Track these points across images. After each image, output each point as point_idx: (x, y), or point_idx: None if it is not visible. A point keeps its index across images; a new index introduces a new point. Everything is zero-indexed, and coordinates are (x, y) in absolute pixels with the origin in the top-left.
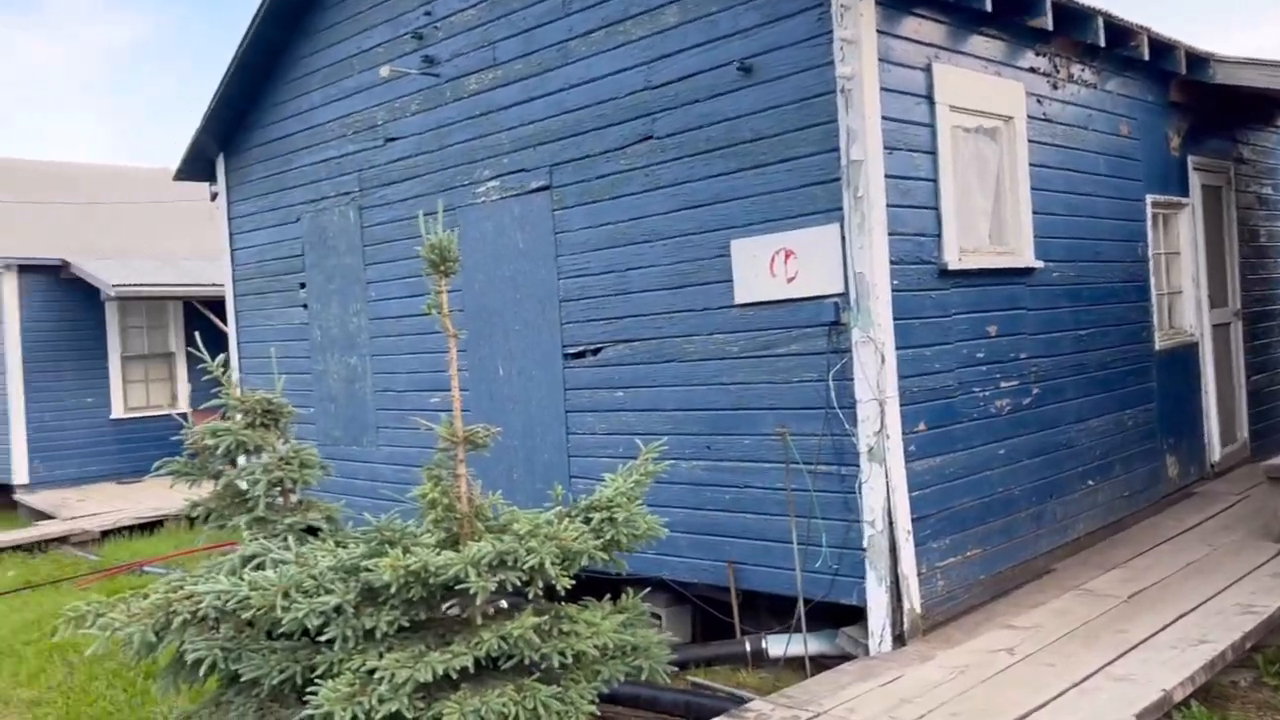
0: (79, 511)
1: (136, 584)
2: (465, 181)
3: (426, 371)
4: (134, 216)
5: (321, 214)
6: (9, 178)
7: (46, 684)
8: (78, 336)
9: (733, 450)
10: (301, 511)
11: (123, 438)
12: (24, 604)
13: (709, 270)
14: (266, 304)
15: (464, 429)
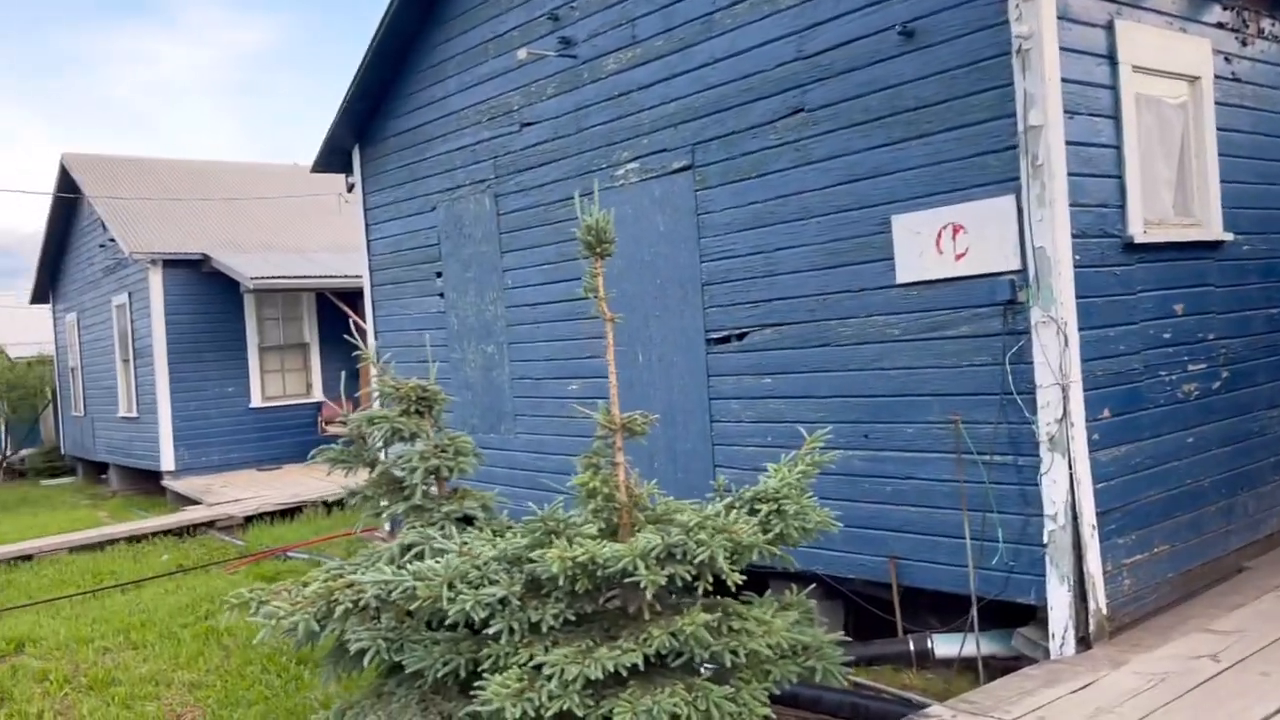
0: (222, 497)
1: (282, 569)
2: (603, 165)
3: (564, 359)
4: (269, 211)
5: (457, 202)
6: (151, 177)
7: (204, 667)
8: (218, 328)
9: (894, 439)
10: (458, 500)
11: (261, 426)
12: (177, 587)
13: (867, 248)
14: (403, 293)
15: (622, 415)
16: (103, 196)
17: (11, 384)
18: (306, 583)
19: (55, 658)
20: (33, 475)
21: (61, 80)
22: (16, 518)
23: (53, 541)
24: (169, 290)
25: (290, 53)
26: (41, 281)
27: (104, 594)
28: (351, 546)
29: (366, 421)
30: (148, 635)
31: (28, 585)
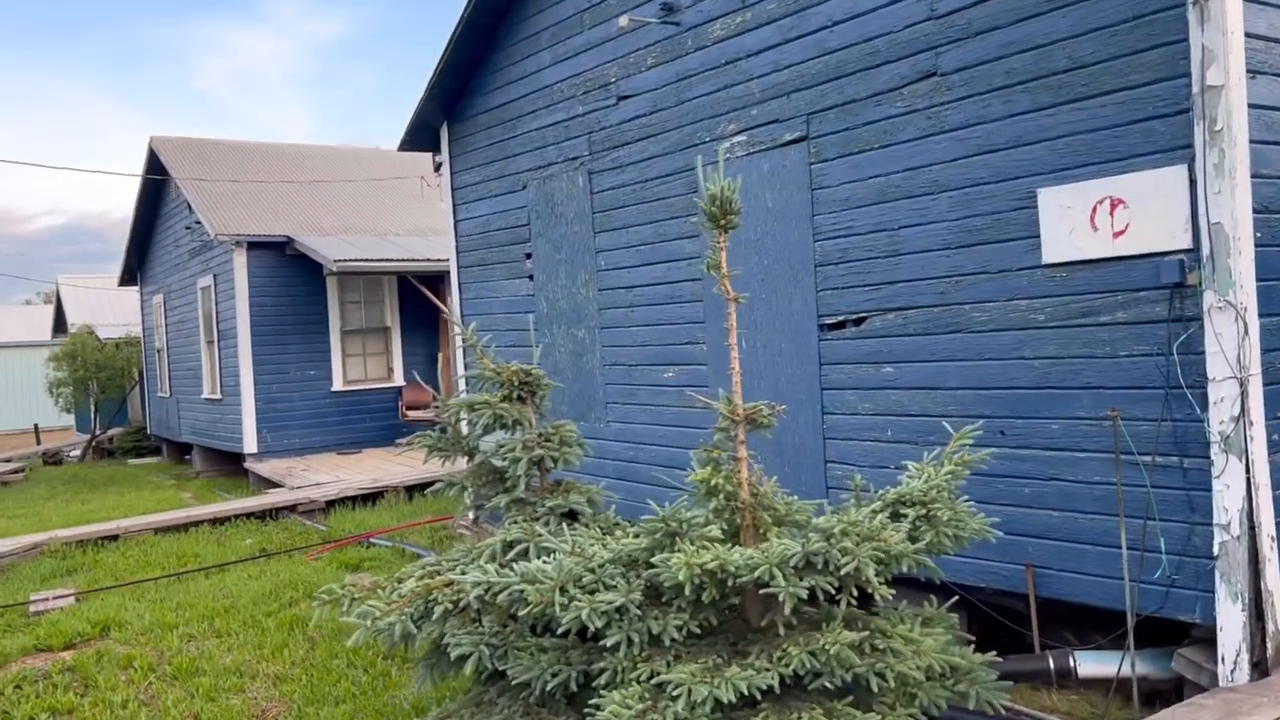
0: (303, 481)
1: (365, 556)
2: (706, 138)
3: (660, 344)
4: (351, 194)
5: (548, 180)
6: (235, 159)
7: (289, 659)
8: (300, 311)
9: (1036, 436)
10: (562, 493)
11: (342, 410)
12: (261, 572)
13: (1007, 225)
14: (491, 275)
15: (745, 406)
16: (189, 179)
17: (101, 364)
18: (401, 579)
19: (140, 643)
20: (119, 454)
21: (149, 71)
22: (104, 496)
23: (138, 522)
24: (253, 272)
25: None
26: (129, 264)
27: (188, 577)
28: (435, 534)
29: (467, 407)
30: (232, 623)
31: (114, 566)
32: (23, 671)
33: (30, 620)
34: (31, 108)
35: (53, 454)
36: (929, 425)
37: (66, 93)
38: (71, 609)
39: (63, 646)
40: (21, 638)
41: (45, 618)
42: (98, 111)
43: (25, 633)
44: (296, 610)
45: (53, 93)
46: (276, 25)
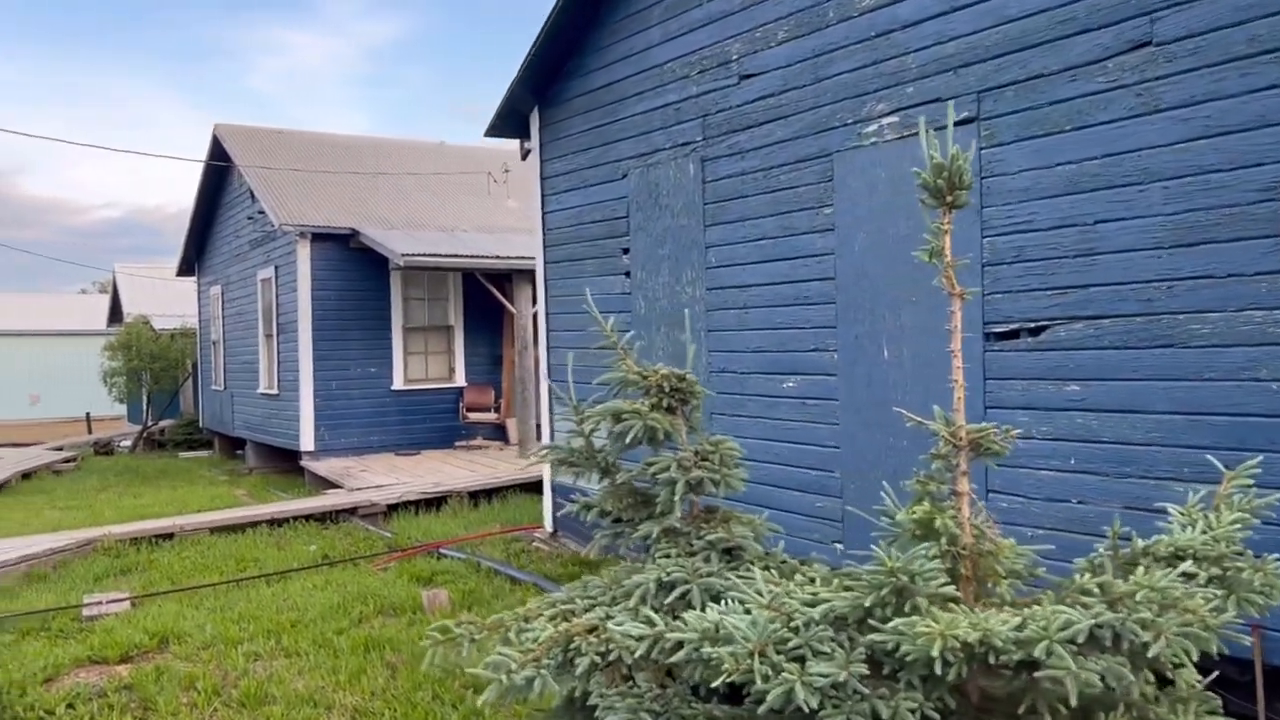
0: (362, 482)
1: (437, 569)
2: (848, 120)
3: (779, 351)
4: (416, 189)
5: (653, 169)
6: (298, 149)
7: (368, 688)
8: (362, 306)
9: (1275, 473)
10: (720, 523)
11: (401, 409)
12: (326, 582)
13: (1240, 221)
14: (582, 271)
15: (969, 428)
16: (254, 166)
17: (155, 355)
18: (528, 617)
19: (201, 660)
20: (171, 446)
21: (204, 68)
22: (156, 490)
23: (194, 521)
24: (316, 265)
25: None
26: (188, 254)
27: (248, 584)
28: (510, 547)
29: (612, 416)
30: (300, 641)
31: (170, 567)
32: (76, 688)
33: (83, 626)
34: (89, 101)
35: (104, 444)
36: (1126, 455)
37: (122, 88)
38: (126, 615)
39: (118, 659)
40: (74, 646)
41: (99, 624)
42: (153, 107)
43: (78, 640)
44: (369, 628)
45: (108, 88)
46: (329, 25)
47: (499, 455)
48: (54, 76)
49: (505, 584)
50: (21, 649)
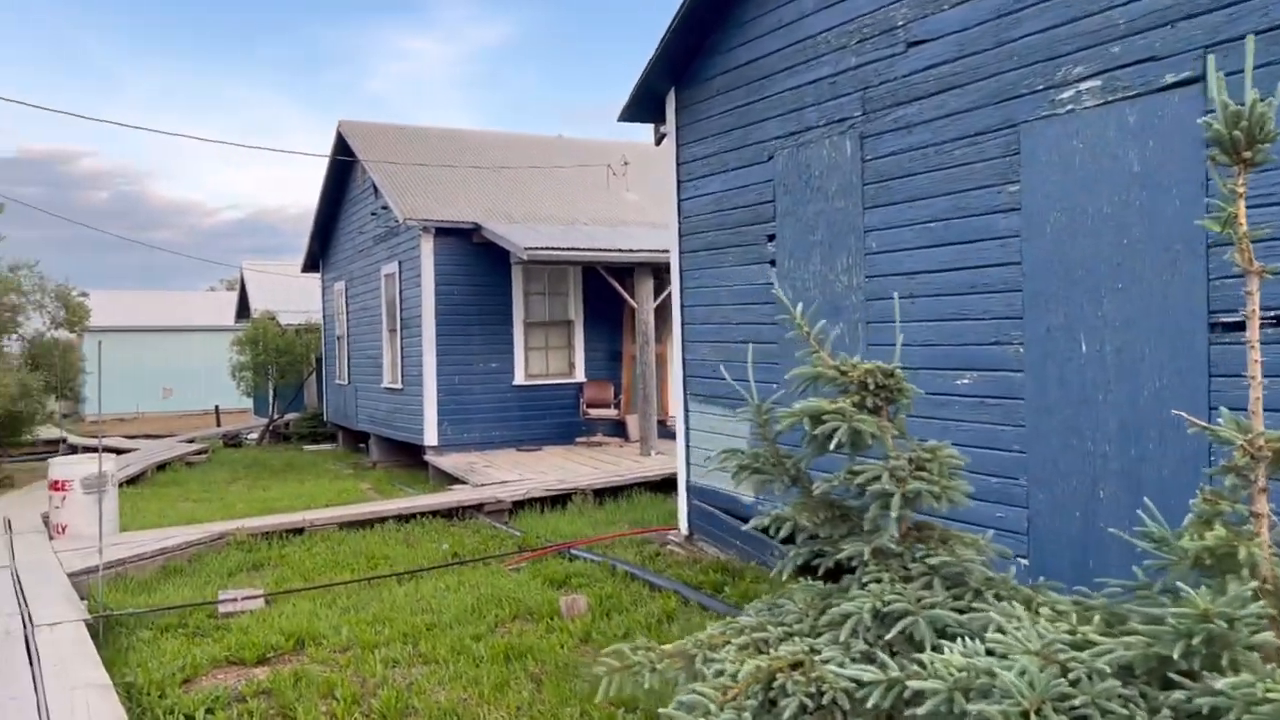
0: (486, 478)
1: (571, 571)
2: (1038, 86)
3: (951, 344)
4: (535, 183)
5: (803, 149)
6: (420, 145)
7: (513, 702)
8: (485, 301)
9: None
10: (938, 542)
11: (523, 405)
12: (458, 582)
13: None
14: (721, 261)
15: (1272, 436)
16: (378, 161)
17: (280, 350)
18: (712, 645)
19: (339, 666)
20: (295, 439)
21: (325, 75)
22: (284, 483)
23: (323, 515)
24: (439, 260)
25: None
26: (312, 250)
27: (380, 583)
28: (642, 550)
29: (810, 417)
30: (438, 647)
31: (300, 563)
32: (215, 690)
33: (219, 623)
34: (213, 109)
35: (232, 436)
36: None
37: (248, 95)
38: (261, 613)
39: (255, 661)
40: (211, 646)
41: (235, 622)
42: (277, 114)
43: (215, 639)
44: (507, 634)
45: (236, 95)
46: (444, 30)
47: (620, 452)
48: (181, 87)
49: (642, 589)
50: (160, 646)
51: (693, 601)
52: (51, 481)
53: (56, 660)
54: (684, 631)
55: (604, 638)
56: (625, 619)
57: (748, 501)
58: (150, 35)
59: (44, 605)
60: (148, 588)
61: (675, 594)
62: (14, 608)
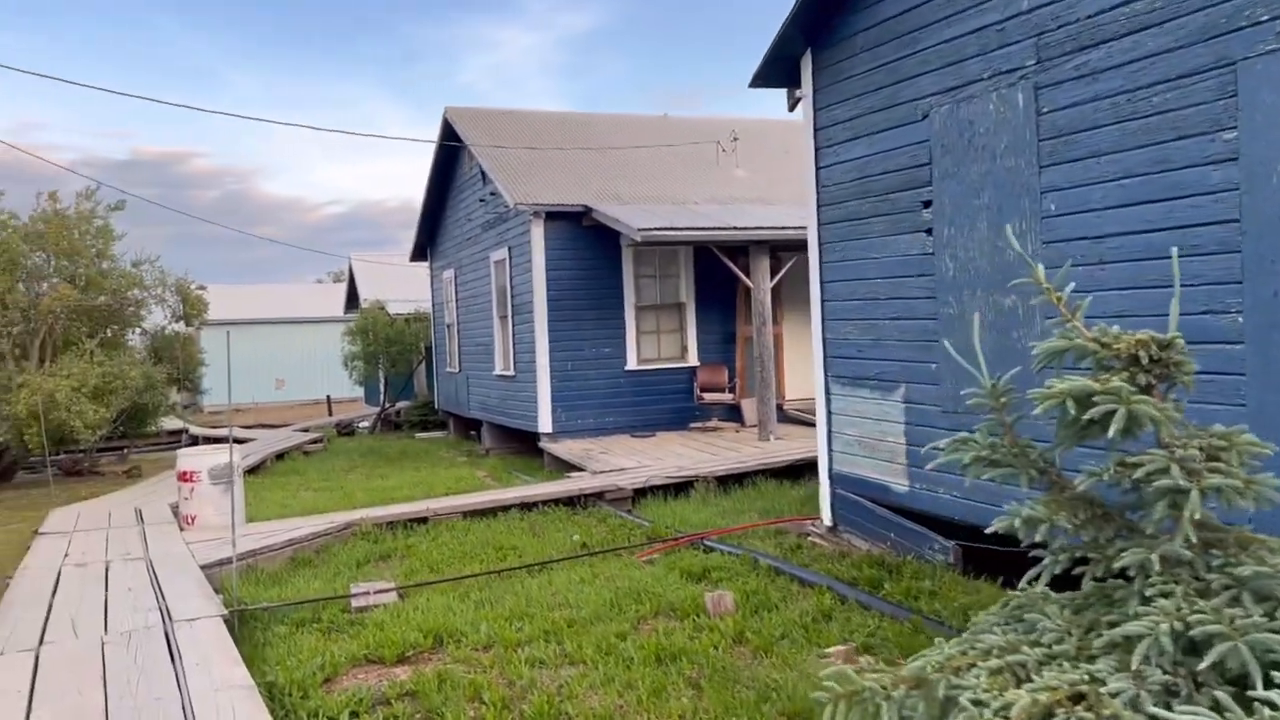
0: (605, 465)
1: (709, 563)
2: (1261, 17)
3: (1149, 314)
4: (643, 163)
5: (965, 105)
6: (526, 129)
7: (673, 711)
8: (596, 285)
9: None
10: (1241, 549)
11: (636, 390)
12: (592, 575)
13: None
14: (867, 232)
15: None
16: (486, 146)
17: (391, 339)
18: (955, 666)
19: (482, 666)
20: (406, 427)
21: (418, 70)
22: (401, 471)
23: (446, 504)
24: (550, 244)
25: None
26: (420, 240)
27: (510, 575)
28: (781, 542)
29: (1074, 399)
30: (584, 645)
31: (428, 554)
32: (357, 692)
33: (354, 618)
34: (317, 106)
35: (345, 425)
36: None
37: (346, 92)
38: (395, 607)
39: (395, 660)
40: (348, 643)
41: (369, 617)
42: (374, 110)
43: (351, 635)
44: (652, 633)
45: (335, 92)
46: (532, 18)
47: (737, 437)
48: (282, 86)
49: (790, 585)
50: (297, 642)
51: (850, 599)
52: (180, 473)
53: (198, 658)
54: (844, 632)
55: (759, 638)
56: (777, 617)
57: (900, 490)
58: (250, 36)
59: (180, 599)
60: (278, 580)
61: (829, 590)
62: (152, 601)
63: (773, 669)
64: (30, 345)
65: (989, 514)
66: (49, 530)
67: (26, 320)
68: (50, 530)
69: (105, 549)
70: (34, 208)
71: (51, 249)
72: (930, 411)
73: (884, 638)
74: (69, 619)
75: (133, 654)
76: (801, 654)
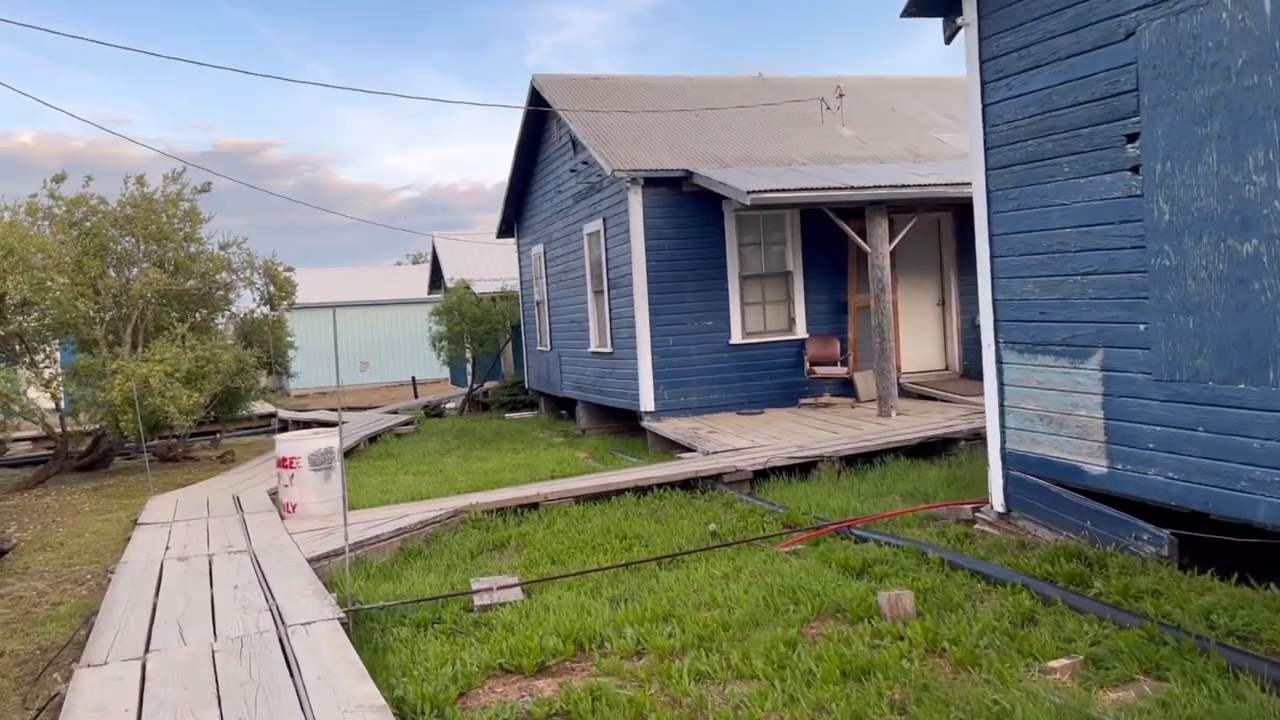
0: (714, 444)
1: (866, 556)
2: None
3: None
4: (740, 125)
5: (1185, 16)
6: (618, 94)
7: None
8: (696, 254)
9: None
10: None
11: (741, 365)
12: (735, 569)
13: None
14: (1052, 174)
15: None
16: (578, 110)
17: (477, 319)
18: None
19: (636, 679)
20: (495, 408)
21: (486, 52)
22: (499, 453)
23: (557, 489)
24: (648, 213)
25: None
26: (506, 216)
27: (639, 567)
28: (945, 531)
29: None
30: (750, 655)
31: (545, 543)
32: (499, 711)
33: (478, 618)
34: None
35: (433, 406)
36: None
37: (415, 76)
38: (522, 606)
39: (535, 670)
40: (478, 648)
41: (495, 617)
42: (441, 92)
43: (479, 639)
44: (823, 639)
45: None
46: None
47: (853, 413)
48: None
49: (972, 582)
50: (421, 648)
51: (1055, 600)
52: (279, 458)
53: (319, 670)
54: (1057, 640)
55: (958, 648)
56: (969, 622)
57: (1095, 471)
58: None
59: (291, 598)
60: (389, 573)
61: (1025, 589)
62: (261, 601)
63: (987, 687)
64: (122, 331)
65: (1220, 498)
66: (148, 520)
67: (118, 306)
68: (149, 520)
69: (207, 541)
70: (121, 192)
71: (140, 233)
72: (1137, 380)
73: (1112, 648)
74: (175, 621)
75: (246, 665)
76: (1014, 668)
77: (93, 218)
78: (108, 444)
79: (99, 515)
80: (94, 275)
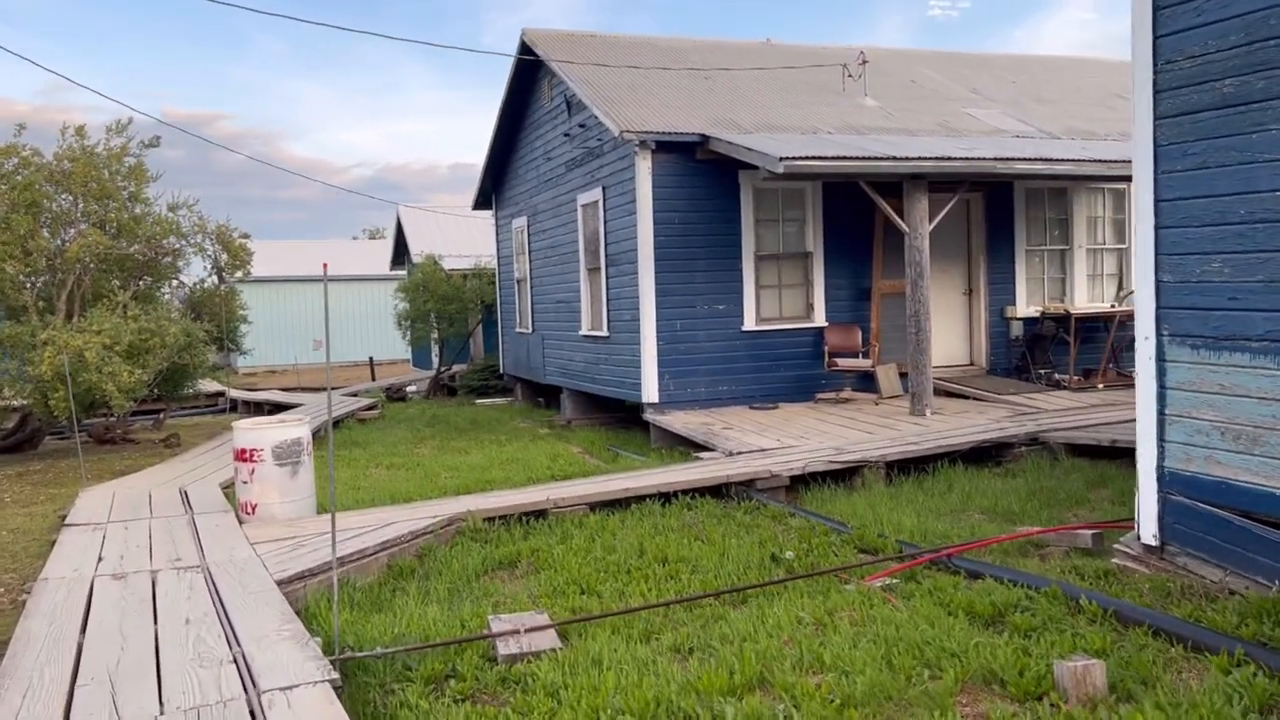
0: (735, 443)
1: (997, 599)
2: None
3: None
4: (755, 91)
5: None
6: (619, 54)
7: None
8: (708, 230)
9: None
10: None
11: (754, 354)
12: (826, 614)
13: None
14: (1259, 122)
15: None
16: (581, 63)
17: (447, 297)
18: None
19: None
20: (463, 393)
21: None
22: (480, 445)
23: (567, 494)
24: (657, 181)
25: None
26: (484, 187)
27: (700, 604)
28: (1064, 562)
29: None
30: None
31: (565, 563)
32: None
33: (505, 672)
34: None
35: (396, 389)
36: None
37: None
38: (562, 658)
39: None
40: None
41: (530, 672)
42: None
43: (516, 711)
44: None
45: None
46: None
47: (879, 411)
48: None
49: (1151, 641)
50: (445, 716)
51: None
52: (237, 450)
53: None
54: None
55: None
56: (1176, 704)
57: None
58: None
59: (262, 642)
60: (378, 600)
61: (1253, 661)
62: (223, 647)
63: None
64: (56, 298)
65: None
66: (78, 520)
67: (52, 270)
68: (79, 521)
69: (149, 551)
70: (59, 144)
71: (79, 190)
72: None
73: None
74: (107, 677)
75: None
76: None
77: (24, 170)
78: (36, 423)
79: (21, 508)
80: (23, 234)
